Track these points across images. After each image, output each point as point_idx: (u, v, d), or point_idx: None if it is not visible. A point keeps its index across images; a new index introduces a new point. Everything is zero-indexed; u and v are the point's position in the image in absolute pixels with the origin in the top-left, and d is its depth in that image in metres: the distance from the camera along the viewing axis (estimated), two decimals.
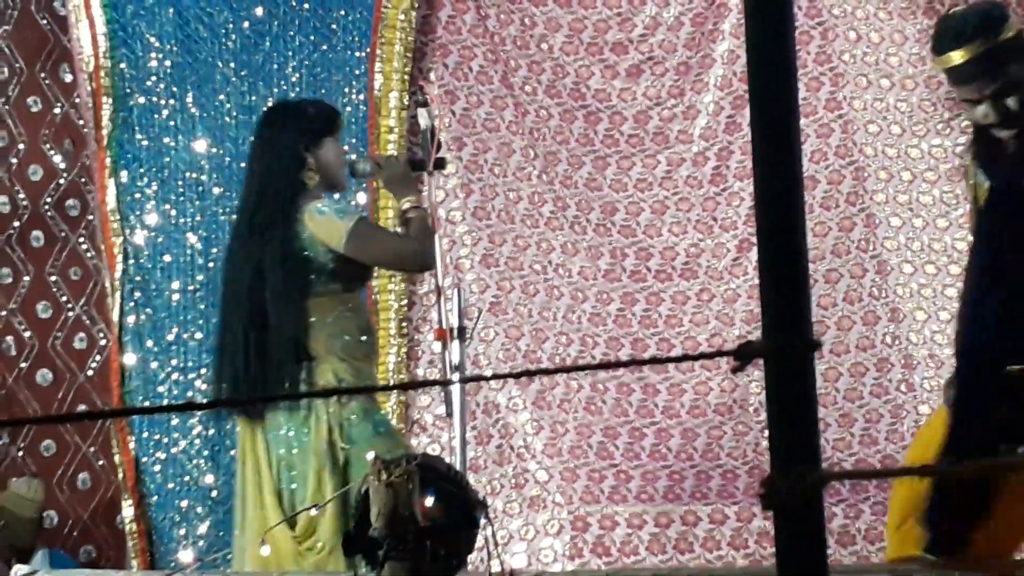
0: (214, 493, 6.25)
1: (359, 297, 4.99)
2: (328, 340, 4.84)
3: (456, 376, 5.26)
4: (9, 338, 6.52)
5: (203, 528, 6.24)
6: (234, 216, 5.40)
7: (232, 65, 6.40)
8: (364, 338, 4.93)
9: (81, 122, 6.48)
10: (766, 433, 1.93)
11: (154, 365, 6.31)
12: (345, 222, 4.84)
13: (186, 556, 6.20)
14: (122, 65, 6.38)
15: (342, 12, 6.40)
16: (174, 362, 6.31)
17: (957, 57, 3.96)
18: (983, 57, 3.95)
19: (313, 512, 6.11)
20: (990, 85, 3.96)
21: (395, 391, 6.26)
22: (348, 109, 6.36)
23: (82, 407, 6.44)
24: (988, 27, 3.97)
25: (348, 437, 4.83)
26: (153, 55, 6.40)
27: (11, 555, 5.98)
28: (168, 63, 6.40)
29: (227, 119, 6.39)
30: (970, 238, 6.25)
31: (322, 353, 4.83)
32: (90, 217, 6.49)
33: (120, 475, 6.30)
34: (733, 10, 6.35)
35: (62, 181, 6.56)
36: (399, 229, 5.08)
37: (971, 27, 4.00)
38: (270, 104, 5.89)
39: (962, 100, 4.16)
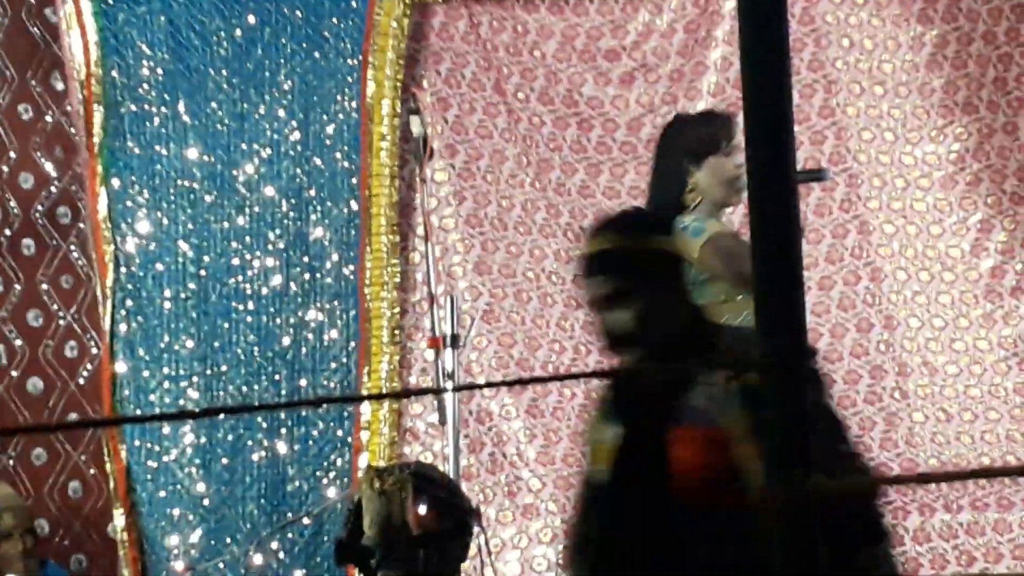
0: (206, 502, 6.22)
1: (727, 305, 4.70)
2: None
3: (449, 384, 5.25)
4: None
5: (195, 537, 6.21)
6: None
7: (224, 73, 6.38)
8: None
9: (72, 130, 6.47)
10: None
11: (145, 374, 6.29)
12: (697, 240, 4.67)
13: (178, 565, 6.18)
14: (113, 73, 6.36)
15: (334, 19, 6.38)
16: (165, 370, 6.29)
17: (584, 248, 3.49)
18: (603, 256, 3.43)
19: (306, 520, 6.10)
20: (596, 290, 3.43)
21: (388, 399, 6.25)
22: (340, 117, 6.35)
23: (73, 416, 6.42)
24: (625, 226, 3.49)
25: None
26: (145, 63, 6.39)
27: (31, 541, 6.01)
28: (160, 71, 6.38)
29: (219, 127, 6.37)
30: (964, 245, 6.27)
31: None
32: (81, 225, 6.47)
33: (111, 484, 6.28)
34: (726, 17, 6.35)
35: (53, 189, 6.54)
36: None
37: (611, 221, 3.56)
38: (671, 116, 5.70)
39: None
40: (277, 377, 6.29)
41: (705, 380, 3.27)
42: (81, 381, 6.48)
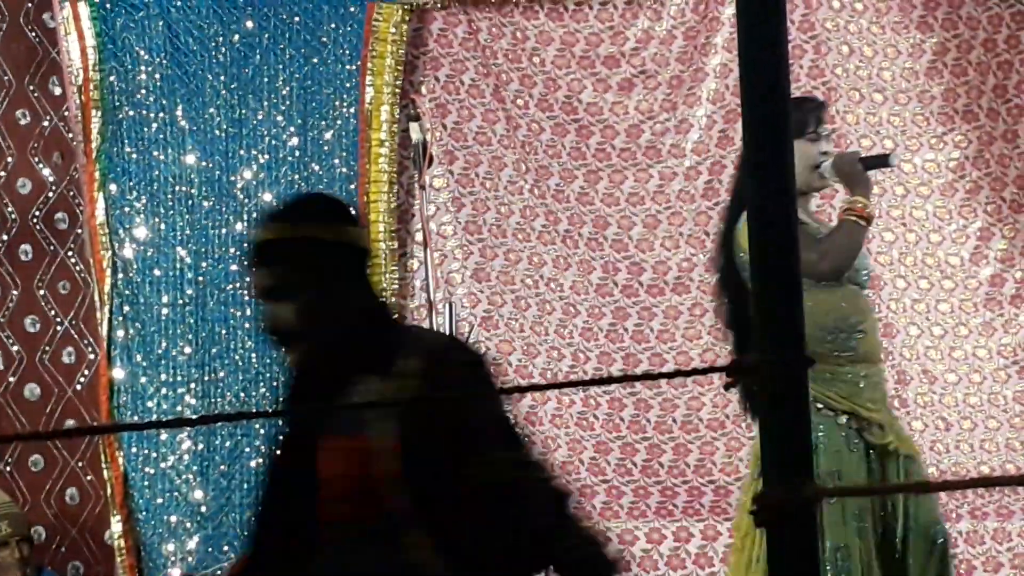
0: (203, 508, 6.21)
1: (825, 296, 4.52)
2: None
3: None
4: None
5: (192, 544, 6.20)
6: None
7: (222, 78, 6.38)
8: (830, 339, 4.52)
9: (70, 135, 6.46)
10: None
11: (143, 380, 6.28)
12: None
13: (175, 572, 6.17)
14: (111, 78, 6.36)
15: (333, 25, 6.38)
16: (163, 377, 6.28)
17: (261, 233, 3.31)
18: (270, 245, 3.25)
19: None
20: (261, 280, 3.27)
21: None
22: (338, 123, 6.35)
23: (70, 422, 6.41)
24: (298, 214, 3.29)
25: None
26: (143, 68, 6.38)
27: (27, 548, 5.99)
28: (158, 76, 6.37)
29: (217, 132, 6.36)
30: (963, 253, 6.26)
31: None
32: (79, 231, 6.46)
33: (109, 490, 6.26)
34: (726, 24, 6.34)
35: (51, 194, 6.53)
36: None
37: (285, 208, 3.43)
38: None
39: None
40: (275, 383, 6.27)
41: (364, 385, 3.15)
42: (78, 387, 6.47)
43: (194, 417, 3.88)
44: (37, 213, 6.52)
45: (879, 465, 4.60)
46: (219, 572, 6.12)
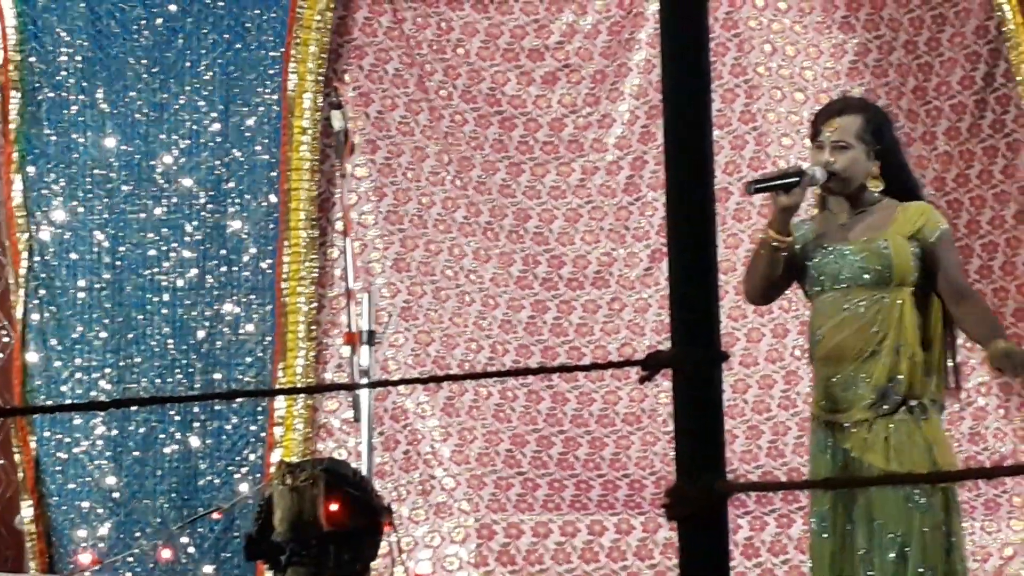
0: (116, 495, 6.17)
1: (815, 301, 4.60)
2: None
3: (364, 380, 5.23)
4: None
5: (104, 530, 6.16)
6: None
7: (144, 62, 6.34)
8: (814, 339, 4.57)
9: None
10: (673, 444, 1.92)
11: (57, 364, 6.24)
12: None
13: (86, 558, 6.12)
14: (32, 59, 6.30)
15: (257, 11, 6.36)
16: (78, 361, 6.24)
17: None
18: None
19: (216, 515, 6.06)
20: None
21: (302, 395, 6.23)
22: (261, 109, 6.33)
23: None
24: None
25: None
26: (64, 49, 6.33)
27: None
28: (79, 58, 6.33)
29: (137, 116, 6.33)
30: None
31: None
32: None
33: (20, 475, 6.21)
34: (650, 20, 6.37)
35: None
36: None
37: None
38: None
39: None
40: (191, 370, 6.25)
41: None
42: None
43: (107, 401, 3.88)
44: None
45: (844, 471, 4.52)
46: (130, 559, 6.08)
